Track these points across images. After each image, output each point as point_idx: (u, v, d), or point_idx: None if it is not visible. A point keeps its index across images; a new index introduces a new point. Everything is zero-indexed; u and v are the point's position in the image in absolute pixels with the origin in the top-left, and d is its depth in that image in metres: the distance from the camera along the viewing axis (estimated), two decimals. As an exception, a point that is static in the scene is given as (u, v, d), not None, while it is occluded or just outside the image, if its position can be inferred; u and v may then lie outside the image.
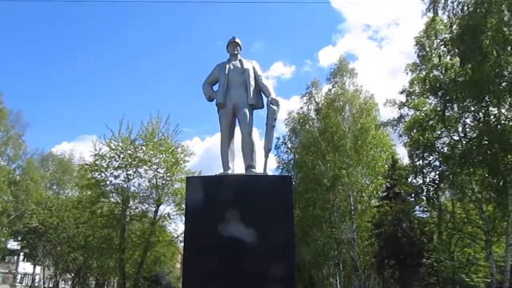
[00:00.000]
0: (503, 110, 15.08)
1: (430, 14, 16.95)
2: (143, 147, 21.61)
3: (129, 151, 21.56)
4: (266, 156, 6.21)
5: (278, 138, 28.88)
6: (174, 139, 22.29)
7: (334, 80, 26.26)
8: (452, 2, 15.85)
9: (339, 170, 23.47)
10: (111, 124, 22.54)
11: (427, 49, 17.76)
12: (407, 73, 18.75)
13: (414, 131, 17.71)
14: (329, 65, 67.09)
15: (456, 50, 15.37)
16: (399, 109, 18.93)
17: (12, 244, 35.95)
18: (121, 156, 21.50)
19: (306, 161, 25.27)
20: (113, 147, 21.55)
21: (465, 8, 15.11)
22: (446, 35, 16.59)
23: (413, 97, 18.61)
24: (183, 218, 21.57)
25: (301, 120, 27.27)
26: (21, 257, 40.63)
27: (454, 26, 15.51)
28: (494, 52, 13.93)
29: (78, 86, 63.58)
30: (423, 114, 17.92)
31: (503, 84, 14.18)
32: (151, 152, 21.54)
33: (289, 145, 28.22)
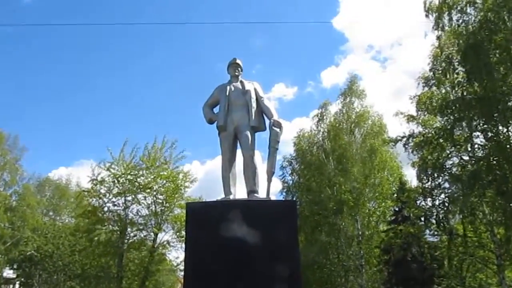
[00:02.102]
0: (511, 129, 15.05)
1: (435, 33, 17.10)
2: (144, 171, 21.65)
3: (129, 176, 21.54)
4: (269, 180, 6.16)
5: (284, 158, 28.85)
6: (176, 164, 22.46)
7: (343, 101, 26.39)
8: (457, 20, 16.01)
9: (346, 194, 23.30)
10: (111, 148, 22.40)
11: (437, 65, 17.80)
12: (418, 84, 18.75)
13: (424, 150, 17.63)
14: (332, 86, 67.42)
15: (463, 68, 15.44)
16: (408, 122, 18.82)
17: (8, 273, 35.62)
18: (121, 181, 21.47)
19: (313, 184, 25.17)
20: (114, 171, 21.54)
21: (470, 26, 15.24)
22: (453, 52, 16.67)
23: (423, 112, 18.55)
24: (183, 246, 21.67)
25: (309, 141, 27.28)
26: (17, 286, 40.22)
27: (460, 42, 15.60)
28: (502, 70, 13.98)
29: (77, 110, 63.80)
30: (432, 132, 17.86)
31: (510, 103, 14.17)
32: (152, 177, 21.53)
33: (295, 167, 28.13)
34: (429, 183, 17.67)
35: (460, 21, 15.97)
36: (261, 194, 6.18)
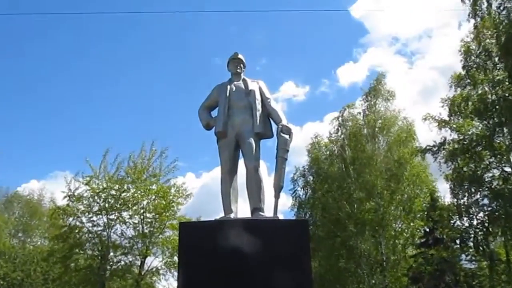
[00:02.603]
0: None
1: (472, 22, 17.11)
2: (130, 185, 21.79)
3: (112, 191, 21.67)
4: (277, 196, 6.20)
5: (296, 169, 28.85)
6: (167, 176, 22.60)
7: (366, 103, 26.51)
8: (498, 7, 16.04)
9: (368, 212, 23.34)
10: (89, 159, 22.54)
11: (472, 61, 17.81)
12: (450, 87, 18.78)
13: (458, 160, 17.63)
14: (351, 84, 67.09)
15: (503, 63, 15.45)
16: (440, 128, 18.82)
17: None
18: (103, 197, 21.59)
19: (329, 200, 25.19)
20: (93, 186, 21.67)
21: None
22: (492, 45, 16.69)
23: (456, 117, 18.56)
24: (176, 274, 21.67)
25: (325, 150, 27.37)
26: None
27: (500, 33, 15.60)
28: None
29: (51, 116, 63.83)
30: (468, 139, 17.87)
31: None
32: (139, 192, 21.66)
33: (308, 180, 28.18)
34: (465, 199, 17.67)
35: (501, 7, 16.00)
36: (268, 212, 6.22)
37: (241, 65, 7.05)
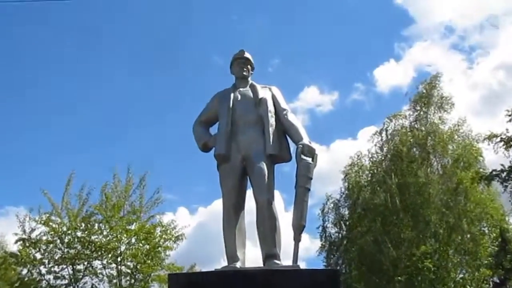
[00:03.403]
0: None
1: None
2: (102, 225, 21.88)
3: (79, 233, 21.71)
4: (297, 239, 6.23)
5: (327, 198, 28.80)
6: (151, 212, 22.67)
7: (414, 113, 26.56)
8: None
9: (421, 257, 23.25)
10: (47, 190, 22.57)
11: None
12: None
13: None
14: (392, 89, 66.68)
15: None
16: (507, 149, 18.82)
17: None
18: (66, 240, 21.62)
19: (369, 240, 25.16)
20: (54, 225, 21.71)
21: None
22: None
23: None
24: None
25: (363, 176, 27.32)
26: None
27: None
28: None
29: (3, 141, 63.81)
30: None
31: None
32: (114, 234, 21.70)
33: (342, 214, 28.11)
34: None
35: None
36: (285, 260, 6.21)
37: (249, 66, 7.12)
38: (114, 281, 21.93)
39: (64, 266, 21.85)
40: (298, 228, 6.22)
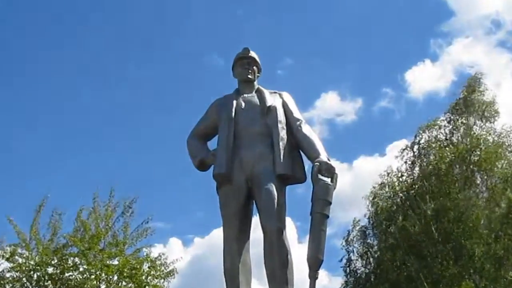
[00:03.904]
0: None
1: None
2: (77, 259, 21.79)
3: (50, 269, 21.66)
4: (314, 276, 6.16)
5: (350, 230, 28.74)
6: (137, 244, 22.63)
7: (455, 123, 26.49)
8: None
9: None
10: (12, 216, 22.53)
11: None
12: None
13: None
14: (427, 95, 66.31)
15: None
16: None
17: None
18: (35, 277, 21.63)
19: (401, 276, 25.19)
20: (20, 260, 21.69)
21: None
22: None
23: None
24: None
25: (392, 199, 27.21)
26: None
27: None
28: None
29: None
30: None
31: None
32: (93, 270, 21.62)
33: (370, 244, 28.03)
34: None
35: None
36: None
37: (255, 67, 7.18)
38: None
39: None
40: (315, 263, 6.14)
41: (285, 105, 6.93)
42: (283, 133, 6.71)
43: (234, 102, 6.90)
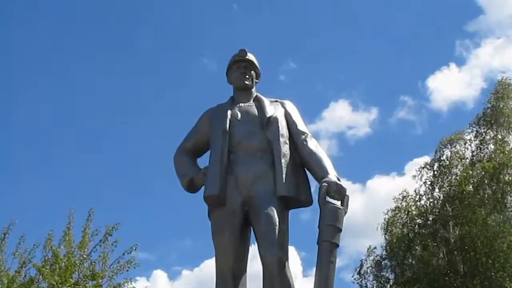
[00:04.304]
0: None
1: None
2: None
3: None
4: None
5: (364, 260, 28.77)
6: (117, 278, 22.64)
7: (482, 137, 26.51)
8: None
9: None
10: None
11: None
12: None
13: None
14: (452, 105, 66.11)
15: None
16: None
17: None
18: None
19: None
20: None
21: None
22: None
23: None
24: None
25: (411, 225, 27.30)
26: None
27: None
28: None
29: None
30: None
31: None
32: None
33: (386, 276, 28.06)
34: None
35: None
36: None
37: (252, 72, 7.19)
38: None
39: None
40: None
41: (288, 116, 6.92)
42: (285, 149, 6.67)
43: (229, 112, 6.87)
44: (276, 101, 7.05)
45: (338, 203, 6.32)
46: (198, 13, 65.58)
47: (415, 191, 27.08)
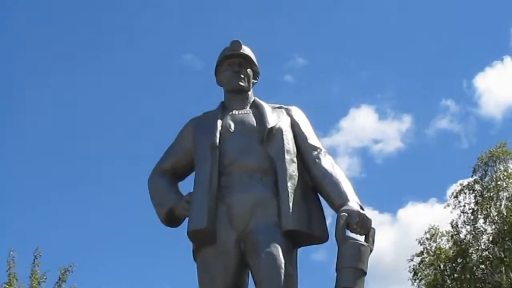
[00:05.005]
0: None
1: None
2: None
3: None
4: None
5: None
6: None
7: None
8: None
9: None
10: None
11: None
12: None
13: None
14: (508, 108, 63.52)
15: None
16: None
17: None
18: None
19: None
20: None
21: None
22: None
23: None
24: None
25: (449, 265, 26.37)
26: None
27: None
28: None
29: None
30: None
31: None
32: None
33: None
34: None
35: None
36: None
37: (249, 70, 6.50)
38: None
39: None
40: None
41: (295, 127, 6.23)
42: (292, 169, 5.94)
43: (219, 122, 6.17)
44: (280, 108, 6.38)
45: (361, 238, 5.69)
46: (185, 4, 61.45)
47: (451, 223, 25.98)
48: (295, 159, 6.06)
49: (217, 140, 6.07)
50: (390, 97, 66.21)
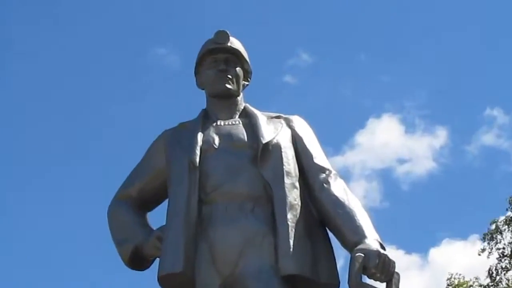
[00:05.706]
0: None
1: None
2: None
3: None
4: None
5: None
6: None
7: None
8: None
9: None
10: None
11: None
12: None
13: None
14: None
15: None
16: None
17: None
18: None
19: None
20: None
21: None
22: None
23: None
24: None
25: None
26: None
27: None
28: None
29: None
30: None
31: None
32: None
33: None
34: None
35: None
36: None
37: (238, 69, 5.81)
38: None
39: None
40: None
41: (297, 142, 5.51)
42: (293, 196, 5.19)
43: (200, 136, 5.40)
44: (278, 117, 5.67)
45: (382, 286, 5.00)
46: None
47: (489, 271, 24.69)
48: (297, 184, 5.31)
49: (197, 159, 5.32)
50: (420, 105, 61.82)
